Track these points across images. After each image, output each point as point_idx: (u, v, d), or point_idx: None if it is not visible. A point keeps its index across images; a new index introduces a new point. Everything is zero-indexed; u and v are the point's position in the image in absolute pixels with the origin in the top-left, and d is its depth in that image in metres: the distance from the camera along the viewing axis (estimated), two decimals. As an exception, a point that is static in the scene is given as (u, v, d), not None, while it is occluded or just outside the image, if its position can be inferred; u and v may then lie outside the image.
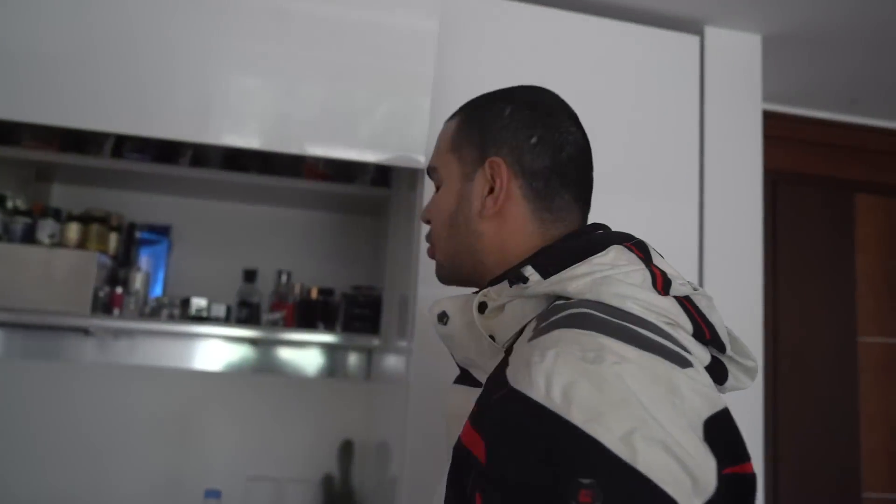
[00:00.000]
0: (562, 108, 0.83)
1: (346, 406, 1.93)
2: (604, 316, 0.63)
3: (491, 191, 0.79)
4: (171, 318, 1.75)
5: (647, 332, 0.62)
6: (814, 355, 1.95)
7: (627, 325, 0.62)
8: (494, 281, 0.76)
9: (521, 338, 0.67)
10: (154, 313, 1.76)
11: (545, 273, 0.71)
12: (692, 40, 1.71)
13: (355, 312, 1.81)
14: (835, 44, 1.78)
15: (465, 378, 0.79)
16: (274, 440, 1.89)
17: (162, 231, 1.88)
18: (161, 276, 1.87)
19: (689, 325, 0.69)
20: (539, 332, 0.62)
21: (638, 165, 1.64)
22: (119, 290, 1.72)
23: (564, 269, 0.70)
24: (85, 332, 1.80)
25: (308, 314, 1.83)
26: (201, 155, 1.81)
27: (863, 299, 2.04)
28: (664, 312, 0.68)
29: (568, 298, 0.68)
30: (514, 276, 0.72)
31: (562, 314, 0.64)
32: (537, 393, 0.56)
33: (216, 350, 1.93)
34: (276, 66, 1.46)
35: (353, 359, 2.00)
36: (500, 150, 0.79)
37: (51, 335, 1.82)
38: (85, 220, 1.74)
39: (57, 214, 1.73)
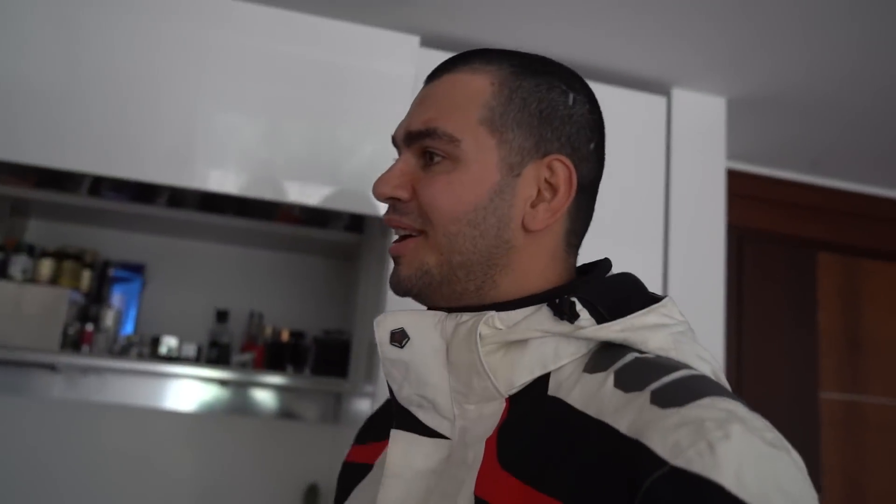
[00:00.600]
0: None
1: (311, 449, 1.93)
2: (718, 382, 0.55)
3: (539, 195, 0.63)
4: (141, 356, 1.76)
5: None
6: (775, 410, 1.96)
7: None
8: (506, 306, 0.61)
9: (604, 395, 0.53)
10: (123, 351, 1.76)
11: (596, 314, 0.58)
12: (659, 101, 1.78)
13: (325, 356, 1.83)
14: (796, 107, 1.86)
15: (405, 421, 0.62)
16: (240, 481, 1.88)
17: (136, 269, 1.90)
18: (133, 313, 1.88)
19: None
20: (676, 396, 0.50)
21: (603, 219, 1.69)
22: (90, 327, 1.73)
23: (622, 313, 0.58)
24: (52, 368, 1.80)
25: (277, 356, 1.84)
26: (178, 195, 1.84)
27: (825, 356, 2.08)
28: (723, 380, 0.60)
29: (640, 351, 0.57)
30: (566, 308, 0.58)
31: (679, 375, 0.52)
32: (727, 479, 0.45)
33: (186, 389, 1.92)
34: (256, 110, 1.50)
35: (321, 402, 2.00)
36: (563, 149, 0.63)
37: (18, 371, 1.82)
38: (58, 256, 1.76)
39: (31, 250, 1.75)
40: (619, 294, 0.60)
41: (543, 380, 0.58)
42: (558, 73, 0.65)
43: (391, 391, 0.63)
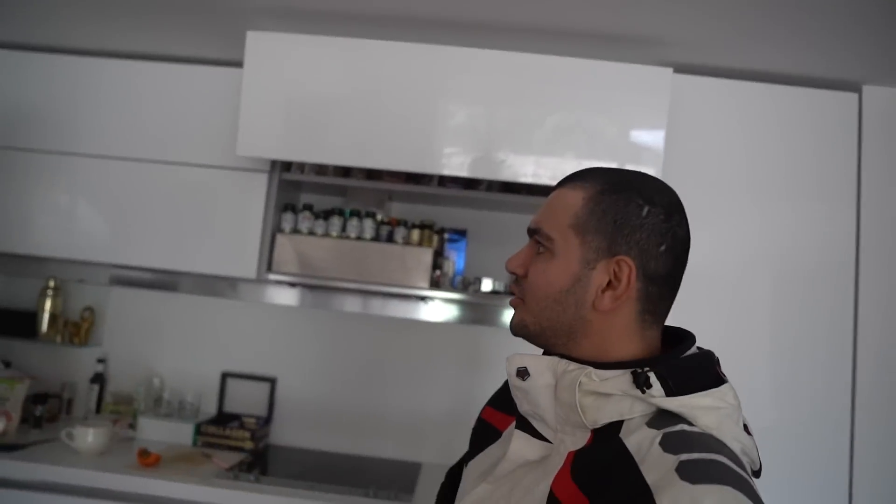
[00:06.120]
0: (683, 211, 0.82)
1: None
2: (737, 470, 0.66)
3: (609, 284, 0.79)
4: (476, 292, 2.56)
5: (752, 480, 0.68)
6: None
7: (747, 477, 0.67)
8: (602, 366, 0.77)
9: (650, 448, 0.68)
10: (463, 288, 2.59)
11: (667, 387, 0.73)
12: (851, 97, 2.23)
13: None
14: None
15: (524, 425, 0.82)
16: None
17: (461, 233, 2.71)
18: (461, 263, 2.71)
19: (757, 463, 0.75)
20: (695, 472, 0.63)
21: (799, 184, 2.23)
22: (437, 272, 2.58)
23: (687, 390, 0.72)
24: (423, 299, 2.70)
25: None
26: (491, 183, 2.58)
27: None
28: (751, 455, 0.74)
29: (689, 423, 0.71)
30: (642, 380, 0.73)
31: (708, 456, 0.66)
32: None
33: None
34: (525, 142, 2.13)
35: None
36: (631, 251, 0.78)
37: (401, 301, 2.74)
38: (421, 227, 2.56)
39: (405, 223, 2.57)
40: (688, 373, 0.74)
41: (619, 424, 0.74)
42: (642, 189, 0.80)
43: (517, 404, 0.83)
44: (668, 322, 0.85)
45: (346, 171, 2.54)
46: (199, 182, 2.48)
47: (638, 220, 0.79)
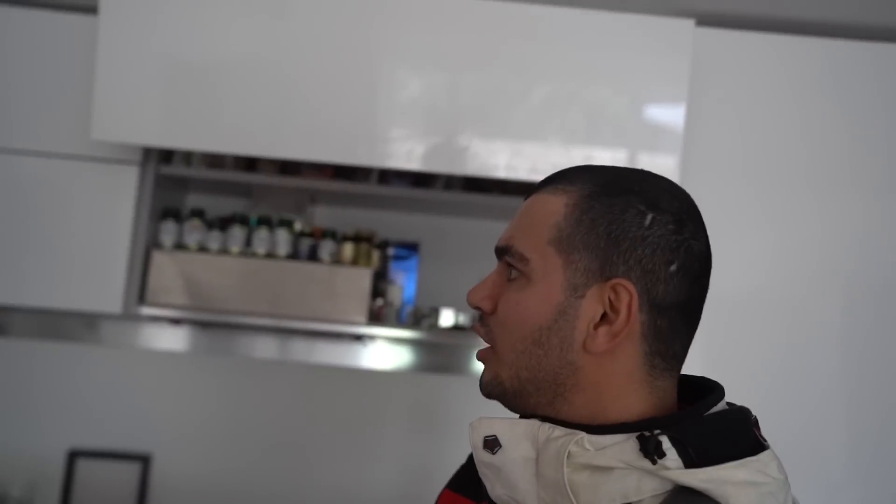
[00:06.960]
0: (699, 218, 0.69)
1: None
2: None
3: (603, 318, 0.65)
4: (432, 328, 2.06)
5: None
6: None
7: None
8: (598, 429, 0.64)
9: None
10: (414, 323, 2.08)
11: (686, 455, 0.60)
12: None
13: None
14: None
15: None
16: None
17: (412, 247, 2.23)
18: (412, 288, 2.21)
19: None
20: None
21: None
22: (379, 301, 2.04)
23: (715, 460, 0.60)
24: (359, 339, 2.18)
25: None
26: (451, 179, 2.10)
27: None
28: None
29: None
30: (653, 446, 0.61)
31: None
32: None
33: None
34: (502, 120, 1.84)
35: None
36: (631, 272, 0.65)
37: (330, 341, 2.26)
38: (356, 239, 2.08)
39: (333, 235, 2.07)
40: (715, 437, 0.61)
41: None
42: (642, 191, 0.67)
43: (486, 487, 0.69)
44: (690, 368, 0.71)
45: (250, 164, 2.16)
46: (39, 178, 2.04)
47: (639, 230, 0.65)
